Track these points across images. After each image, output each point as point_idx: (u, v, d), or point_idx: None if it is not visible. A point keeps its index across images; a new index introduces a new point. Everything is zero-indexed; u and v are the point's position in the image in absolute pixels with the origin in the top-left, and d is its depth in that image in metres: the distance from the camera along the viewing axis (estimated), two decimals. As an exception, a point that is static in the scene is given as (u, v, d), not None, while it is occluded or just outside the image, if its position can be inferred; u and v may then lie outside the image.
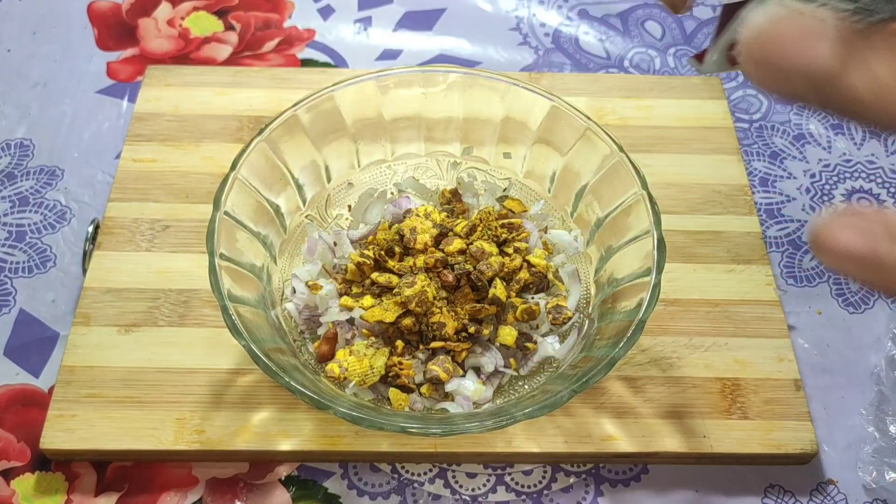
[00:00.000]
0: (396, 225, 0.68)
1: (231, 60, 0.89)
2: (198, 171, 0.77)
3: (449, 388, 0.62)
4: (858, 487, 0.65)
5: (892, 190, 0.81)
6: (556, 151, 0.70)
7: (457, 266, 0.64)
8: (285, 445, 0.63)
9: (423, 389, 0.62)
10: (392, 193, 0.73)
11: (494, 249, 0.66)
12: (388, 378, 0.62)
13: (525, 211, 0.71)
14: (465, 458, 0.65)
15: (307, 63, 0.89)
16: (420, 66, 0.87)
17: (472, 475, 0.65)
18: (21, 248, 0.75)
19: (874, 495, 0.65)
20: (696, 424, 0.65)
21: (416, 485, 0.64)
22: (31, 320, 0.71)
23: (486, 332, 0.64)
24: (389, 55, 0.90)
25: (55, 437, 0.63)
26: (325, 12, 0.94)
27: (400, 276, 0.64)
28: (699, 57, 0.56)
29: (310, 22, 0.93)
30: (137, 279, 0.70)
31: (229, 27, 0.91)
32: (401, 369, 0.62)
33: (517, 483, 0.64)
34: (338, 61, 0.89)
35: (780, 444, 0.64)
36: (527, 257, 0.67)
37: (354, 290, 0.65)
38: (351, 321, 0.64)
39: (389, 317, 0.62)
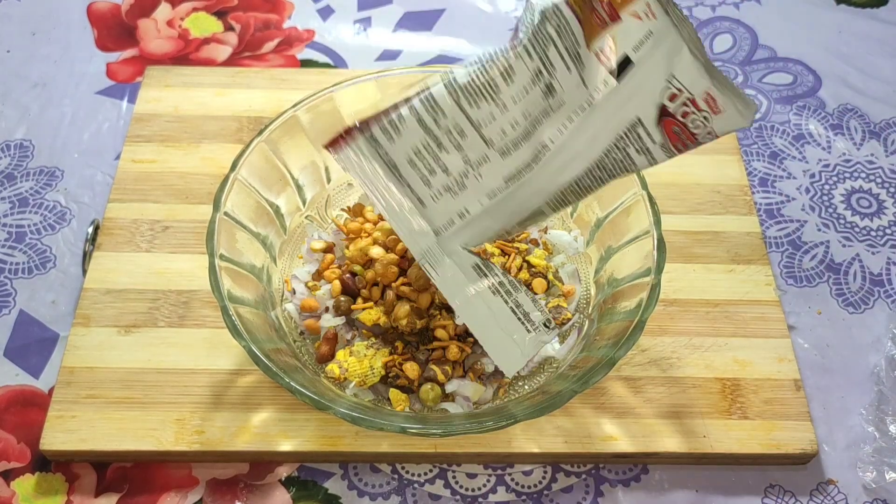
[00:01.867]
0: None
1: (231, 61, 0.89)
2: (197, 171, 0.77)
3: (449, 388, 0.62)
4: (858, 487, 0.65)
5: (892, 190, 0.81)
6: (555, 152, 0.70)
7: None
8: (285, 446, 0.63)
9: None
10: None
11: (496, 250, 0.66)
12: (388, 378, 0.63)
13: (525, 211, 0.71)
14: (465, 459, 0.65)
15: (307, 64, 0.89)
16: (420, 66, 0.87)
17: (472, 475, 0.65)
18: (21, 248, 0.75)
19: (874, 495, 0.65)
20: (696, 424, 0.65)
21: (416, 485, 0.64)
22: (30, 321, 0.71)
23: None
24: (389, 56, 0.90)
25: (55, 438, 0.63)
26: (325, 13, 0.94)
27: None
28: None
29: (309, 22, 0.93)
30: (137, 280, 0.70)
31: (229, 28, 0.91)
32: (401, 370, 0.62)
33: (517, 483, 0.64)
34: (337, 62, 0.89)
35: (780, 444, 0.64)
36: (527, 257, 0.67)
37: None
38: (351, 322, 0.64)
39: (386, 319, 0.62)
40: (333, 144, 0.47)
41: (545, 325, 0.52)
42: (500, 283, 0.50)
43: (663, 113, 0.47)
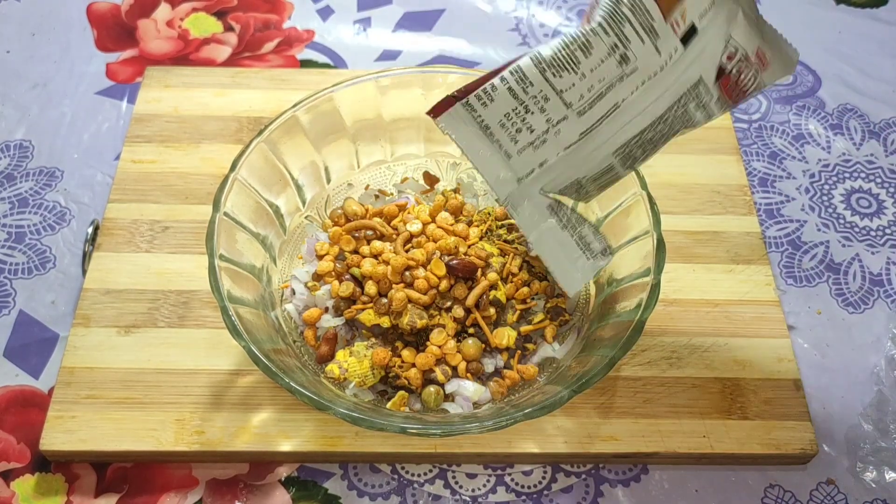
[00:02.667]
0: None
1: (230, 61, 0.89)
2: (197, 172, 0.77)
3: (449, 388, 0.62)
4: (858, 487, 0.65)
5: (892, 190, 0.81)
6: (555, 152, 0.70)
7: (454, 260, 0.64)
8: (285, 446, 0.63)
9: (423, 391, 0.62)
10: (392, 194, 0.73)
11: (495, 250, 0.66)
12: (388, 379, 0.63)
13: (525, 211, 0.71)
14: (465, 459, 0.65)
15: (306, 64, 0.89)
16: (419, 66, 0.87)
17: (472, 475, 0.65)
18: (20, 249, 0.75)
19: (874, 495, 0.65)
20: (696, 424, 0.65)
21: (416, 485, 0.64)
22: (30, 321, 0.71)
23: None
24: (389, 56, 0.90)
25: (55, 438, 0.63)
26: (325, 13, 0.94)
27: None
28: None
29: (309, 23, 0.93)
30: (137, 280, 0.70)
31: (228, 28, 0.91)
32: (400, 370, 0.62)
33: (517, 483, 0.64)
34: (337, 62, 0.89)
35: (780, 444, 0.64)
36: (527, 257, 0.67)
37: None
38: (351, 322, 0.64)
39: (385, 321, 0.62)
40: (435, 112, 0.55)
41: (602, 252, 0.59)
42: (568, 220, 0.58)
43: (721, 72, 0.53)
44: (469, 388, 0.62)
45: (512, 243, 0.67)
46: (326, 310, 0.65)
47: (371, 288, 0.64)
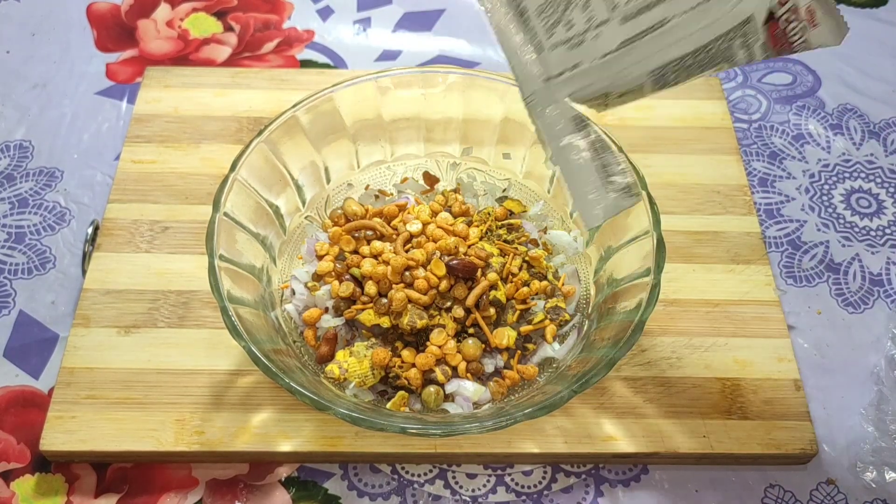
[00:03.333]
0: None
1: (230, 61, 0.89)
2: (197, 172, 0.77)
3: (449, 388, 0.62)
4: (858, 487, 0.65)
5: (892, 190, 0.81)
6: (555, 152, 0.70)
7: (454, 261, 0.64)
8: (285, 446, 0.63)
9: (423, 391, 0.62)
10: (392, 194, 0.73)
11: (495, 250, 0.66)
12: (388, 379, 0.63)
13: (525, 211, 0.71)
14: (465, 459, 0.65)
15: (306, 64, 0.89)
16: (419, 66, 0.87)
17: (472, 476, 0.65)
18: (20, 249, 0.75)
19: (874, 495, 0.65)
20: (696, 424, 0.65)
21: (416, 485, 0.64)
22: (30, 322, 0.71)
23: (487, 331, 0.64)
24: (389, 56, 0.90)
25: (55, 438, 0.63)
26: (325, 13, 0.94)
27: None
28: None
29: (309, 23, 0.93)
30: (137, 280, 0.70)
31: (228, 28, 0.91)
32: (400, 370, 0.62)
33: (517, 483, 0.64)
34: (337, 62, 0.89)
35: (780, 444, 0.64)
36: (526, 258, 0.67)
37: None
38: (351, 322, 0.64)
39: (385, 321, 0.62)
40: None
41: (625, 191, 0.56)
42: (592, 141, 0.56)
43: (771, 17, 0.52)
44: (469, 388, 0.62)
45: (512, 243, 0.67)
46: (326, 310, 0.65)
47: (371, 288, 0.64)
